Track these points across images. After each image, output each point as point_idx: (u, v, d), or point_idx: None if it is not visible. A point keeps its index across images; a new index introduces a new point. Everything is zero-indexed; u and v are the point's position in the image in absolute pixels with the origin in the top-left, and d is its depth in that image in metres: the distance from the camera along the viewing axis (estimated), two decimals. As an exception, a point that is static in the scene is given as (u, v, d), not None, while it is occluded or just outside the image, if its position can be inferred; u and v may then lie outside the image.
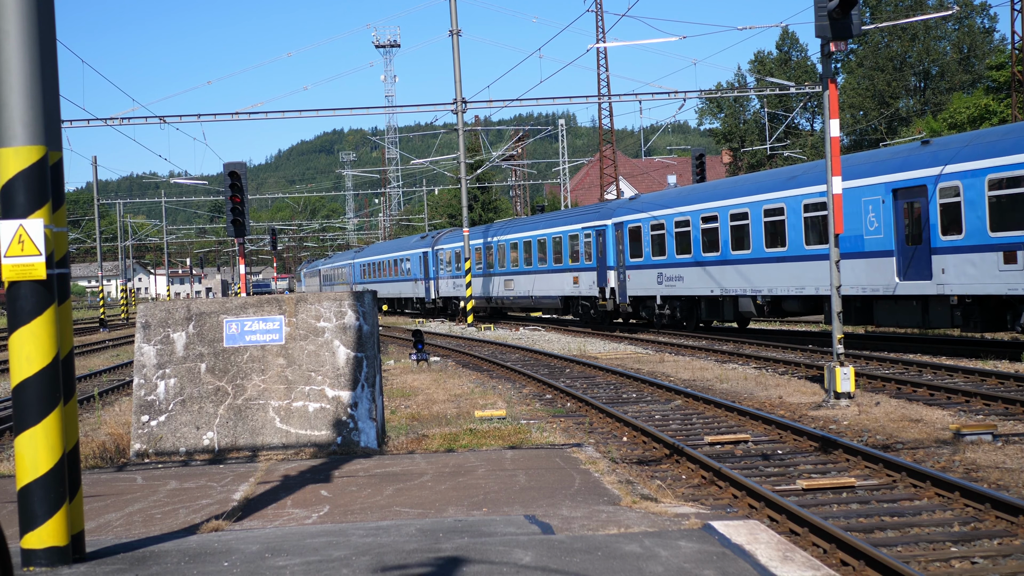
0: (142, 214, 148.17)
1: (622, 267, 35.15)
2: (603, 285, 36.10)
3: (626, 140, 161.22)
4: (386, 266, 65.29)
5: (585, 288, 37.60)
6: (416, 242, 59.79)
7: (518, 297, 44.51)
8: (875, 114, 75.23)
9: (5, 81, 6.18)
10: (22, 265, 6.17)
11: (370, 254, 72.18)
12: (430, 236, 57.39)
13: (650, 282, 33.55)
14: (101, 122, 40.74)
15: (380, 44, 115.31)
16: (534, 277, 42.77)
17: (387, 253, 66.41)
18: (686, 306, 32.45)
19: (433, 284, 54.19)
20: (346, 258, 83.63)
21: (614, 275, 35.16)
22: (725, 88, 77.39)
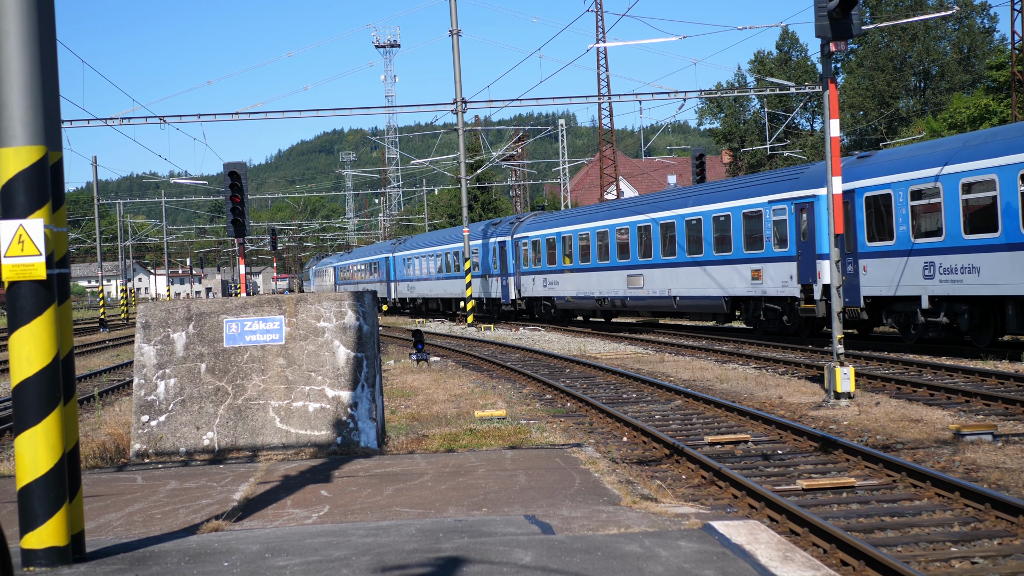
0: (142, 214, 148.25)
1: (854, 254, 24.26)
2: (808, 280, 25.57)
3: (626, 140, 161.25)
4: (441, 260, 53.76)
5: (774, 285, 26.98)
6: (487, 229, 49.59)
7: (648, 298, 33.57)
8: (875, 114, 75.25)
9: (5, 81, 6.18)
10: (22, 265, 6.17)
11: (416, 246, 60.74)
12: (505, 222, 47.45)
13: (911, 275, 22.42)
14: (101, 122, 40.74)
15: (380, 44, 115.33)
16: (676, 272, 31.69)
17: (443, 244, 54.34)
18: (979, 311, 21.40)
19: (513, 281, 44.69)
20: (372, 252, 74.01)
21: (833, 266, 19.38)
22: (725, 88, 77.41)
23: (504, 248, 45.26)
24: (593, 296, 37.35)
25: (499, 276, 45.98)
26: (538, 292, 42.12)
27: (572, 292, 39.00)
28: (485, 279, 47.28)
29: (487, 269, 46.96)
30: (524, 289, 43.62)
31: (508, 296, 45.06)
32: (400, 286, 63.22)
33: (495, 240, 46.25)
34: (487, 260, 46.92)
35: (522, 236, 43.80)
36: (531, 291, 42.91)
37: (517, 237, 44.23)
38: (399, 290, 63.39)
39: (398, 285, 63.70)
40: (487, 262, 46.88)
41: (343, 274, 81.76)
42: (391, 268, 65.44)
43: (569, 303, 39.26)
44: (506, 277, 45.18)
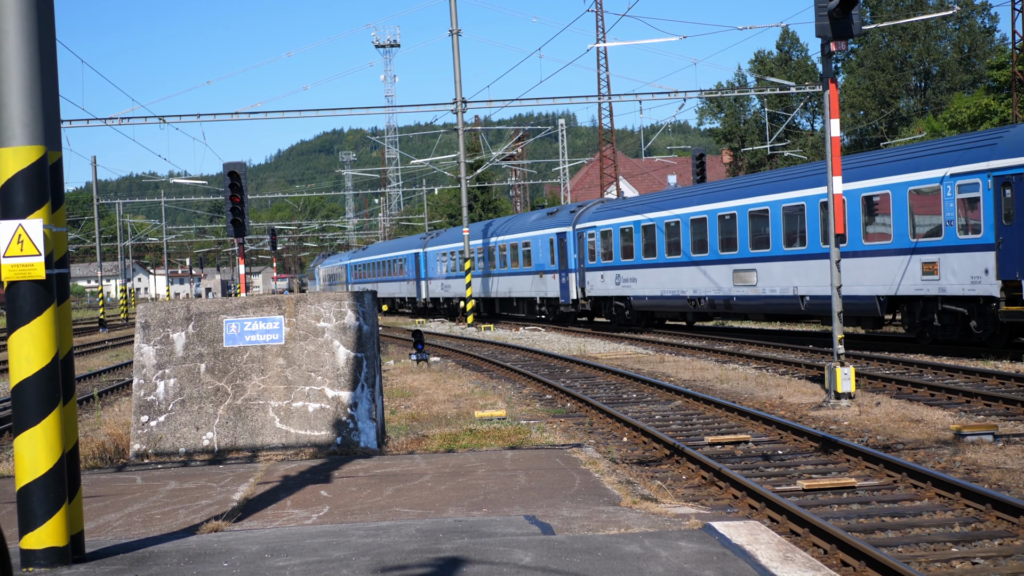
0: (142, 214, 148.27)
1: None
2: (1016, 275, 19.92)
3: (626, 140, 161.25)
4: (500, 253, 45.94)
5: (957, 281, 21.25)
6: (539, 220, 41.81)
7: (763, 297, 27.35)
8: (875, 114, 75.26)
9: (5, 81, 6.17)
10: (21, 265, 6.16)
11: (455, 239, 51.33)
12: (564, 211, 40.44)
13: None
14: (101, 122, 40.74)
15: (380, 44, 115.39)
16: (805, 265, 25.88)
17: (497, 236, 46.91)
18: None
19: (575, 278, 38.22)
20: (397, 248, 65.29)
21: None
22: (725, 88, 77.43)
23: (563, 241, 38.68)
24: (684, 295, 30.99)
25: (557, 273, 39.51)
26: (608, 291, 35.86)
27: (655, 291, 32.71)
28: (539, 277, 41.00)
29: (541, 265, 40.69)
30: (590, 287, 37.02)
31: (568, 295, 38.55)
32: (433, 284, 55.33)
33: (551, 232, 39.93)
34: (539, 255, 40.80)
35: (587, 226, 37.12)
36: (599, 290, 36.41)
37: (581, 228, 37.53)
38: (432, 289, 55.59)
39: (430, 284, 55.90)
40: (540, 257, 40.72)
41: (360, 272, 74.34)
42: (422, 265, 57.24)
43: (650, 304, 33.01)
44: (565, 274, 38.65)
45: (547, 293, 40.82)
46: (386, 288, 66.02)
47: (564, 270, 39.02)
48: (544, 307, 41.80)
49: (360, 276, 74.35)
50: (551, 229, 40.17)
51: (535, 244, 41.68)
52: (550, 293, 40.53)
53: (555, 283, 39.91)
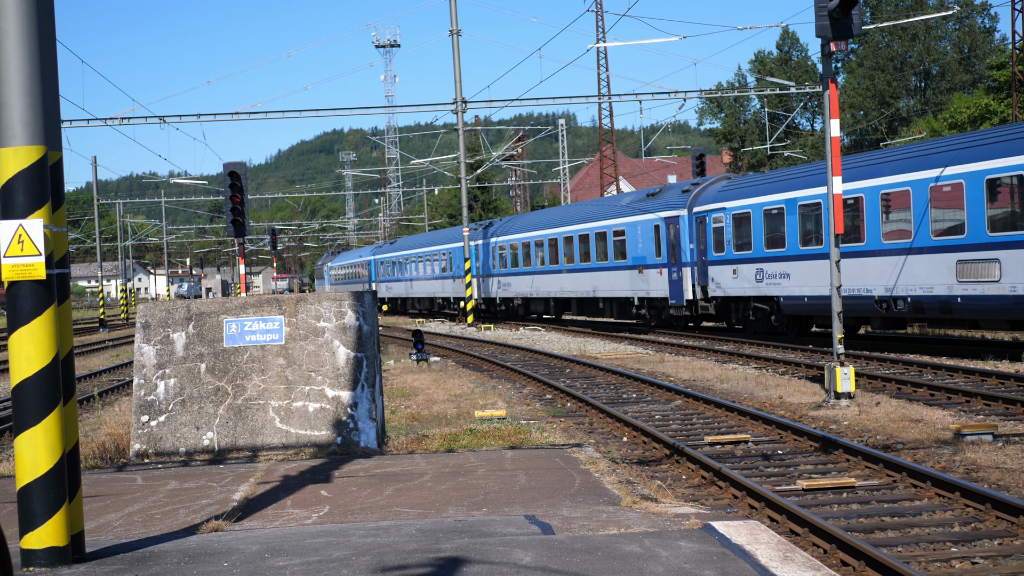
0: (142, 214, 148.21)
1: None
2: None
3: (626, 140, 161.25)
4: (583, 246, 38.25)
5: None
6: (634, 204, 35.01)
7: (1011, 298, 19.83)
8: (875, 114, 75.26)
9: (5, 81, 6.17)
10: (22, 265, 6.17)
11: (523, 228, 44.28)
12: (673, 191, 33.38)
13: None
14: (101, 122, 40.76)
15: (380, 44, 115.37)
16: None
17: (573, 224, 39.25)
18: None
19: (692, 273, 31.01)
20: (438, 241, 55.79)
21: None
22: (725, 88, 77.42)
23: (675, 228, 31.58)
24: (869, 294, 23.43)
25: (664, 267, 32.29)
26: (744, 290, 28.47)
27: (817, 288, 25.22)
28: (638, 272, 33.83)
29: (640, 258, 33.73)
30: (716, 286, 29.72)
31: (682, 295, 31.27)
32: (491, 283, 48.12)
33: (655, 217, 32.82)
34: (638, 245, 33.87)
35: (711, 208, 29.88)
36: (731, 288, 29.08)
37: (702, 211, 30.38)
38: (489, 288, 48.29)
39: (484, 282, 48.75)
40: (639, 248, 33.81)
41: (389, 269, 65.66)
42: (485, 259, 49.48)
43: (810, 306, 25.86)
44: (677, 268, 31.52)
45: (650, 292, 33.25)
46: (424, 287, 57.45)
47: (676, 264, 31.55)
48: (645, 309, 34.36)
49: (389, 274, 65.34)
50: (656, 214, 32.72)
51: (632, 233, 34.10)
52: (654, 292, 32.95)
53: (662, 280, 32.34)
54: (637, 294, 34.23)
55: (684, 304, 31.37)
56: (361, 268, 74.13)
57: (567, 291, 39.25)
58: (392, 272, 64.77)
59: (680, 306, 31.71)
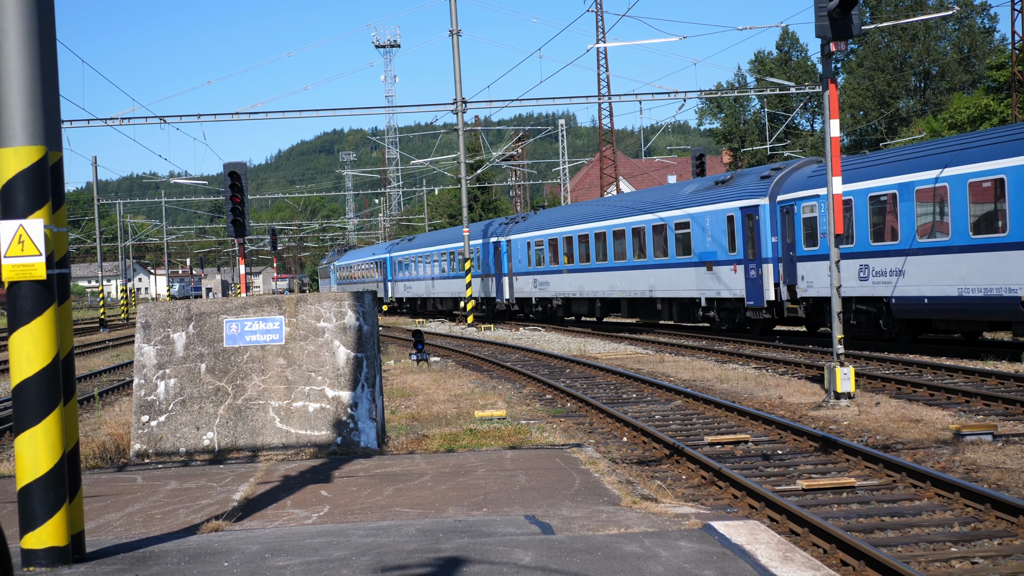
0: (142, 214, 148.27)
1: None
2: None
3: (626, 140, 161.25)
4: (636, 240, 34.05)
5: None
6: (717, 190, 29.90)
7: None
8: (875, 114, 75.27)
9: (5, 81, 6.18)
10: (22, 265, 6.17)
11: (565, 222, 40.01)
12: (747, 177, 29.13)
13: None
14: (101, 122, 40.76)
15: (380, 44, 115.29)
16: None
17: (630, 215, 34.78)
18: None
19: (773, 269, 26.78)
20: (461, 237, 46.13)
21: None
22: (725, 88, 77.45)
23: (753, 218, 27.28)
24: (1015, 295, 19.55)
25: (738, 263, 27.94)
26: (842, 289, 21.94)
27: (943, 287, 21.40)
28: (707, 269, 29.22)
29: (709, 254, 29.27)
30: (808, 283, 25.40)
31: (762, 295, 27.14)
32: (522, 282, 43.76)
33: (726, 207, 28.38)
34: (703, 239, 29.44)
35: (800, 196, 25.82)
36: (823, 287, 24.67)
37: (788, 199, 26.23)
38: (520, 287, 43.95)
39: (517, 280, 44.42)
40: (707, 242, 29.38)
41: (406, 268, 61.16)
42: (504, 257, 45.43)
43: (930, 308, 21.93)
44: (756, 265, 27.32)
45: (721, 292, 29.13)
46: (447, 287, 53.37)
47: (754, 260, 27.60)
48: (715, 311, 30.11)
49: (407, 273, 60.82)
50: (729, 203, 28.56)
51: (698, 225, 30.00)
52: (727, 292, 28.79)
53: (736, 278, 28.24)
54: (704, 294, 29.85)
55: (764, 305, 27.02)
56: (374, 266, 70.09)
57: (617, 290, 35.14)
58: (411, 271, 60.20)
59: (759, 308, 27.39)
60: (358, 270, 75.94)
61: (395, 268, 64.25)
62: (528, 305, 44.31)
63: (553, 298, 41.00)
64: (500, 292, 46.36)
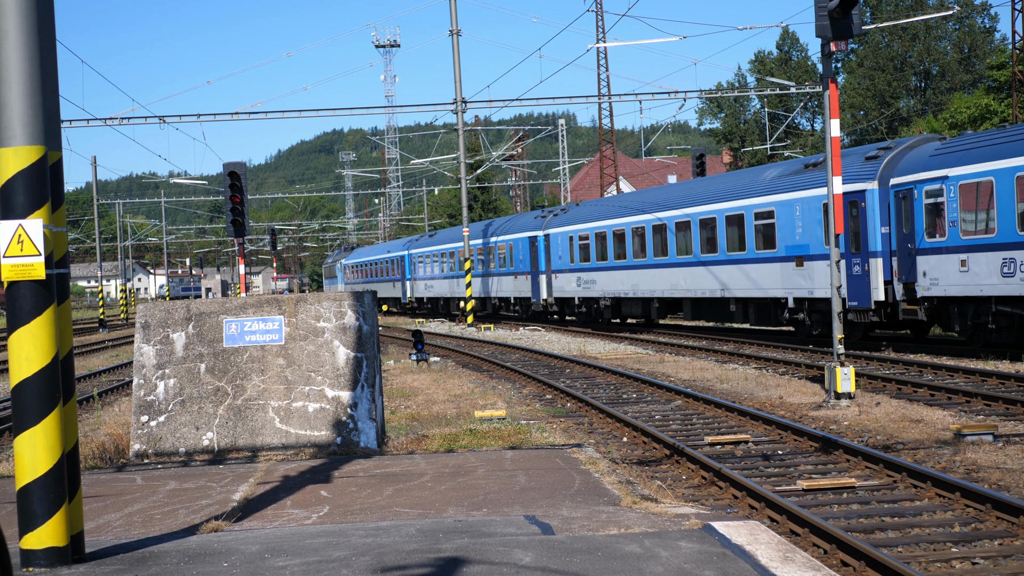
0: (142, 214, 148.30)
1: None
2: None
3: (626, 140, 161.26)
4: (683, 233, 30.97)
5: None
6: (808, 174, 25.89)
7: None
8: (875, 114, 75.26)
9: (5, 81, 6.17)
10: (21, 265, 6.16)
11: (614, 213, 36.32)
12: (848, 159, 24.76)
13: None
14: (101, 122, 40.76)
15: (380, 44, 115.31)
16: None
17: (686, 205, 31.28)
18: None
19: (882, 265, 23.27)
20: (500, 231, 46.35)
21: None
22: (725, 88, 77.44)
23: (858, 206, 23.84)
24: None
25: None
26: (978, 287, 20.98)
27: None
28: (796, 265, 25.76)
29: (800, 247, 25.60)
30: (932, 281, 22.12)
31: (868, 294, 23.32)
32: (562, 279, 40.04)
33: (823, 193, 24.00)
34: (792, 230, 25.95)
35: (922, 179, 22.56)
36: (951, 285, 21.71)
37: (904, 183, 23.09)
38: (558, 286, 40.37)
39: (556, 278, 40.59)
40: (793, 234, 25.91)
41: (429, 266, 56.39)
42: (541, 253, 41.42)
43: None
44: (860, 259, 23.64)
45: (815, 291, 24.94)
46: (441, 287, 53.22)
47: (858, 253, 23.72)
48: (805, 313, 25.77)
49: (429, 271, 56.34)
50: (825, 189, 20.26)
51: (786, 214, 26.22)
52: (824, 291, 24.30)
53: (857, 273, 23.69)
54: (793, 293, 25.81)
55: (871, 307, 23.22)
56: (391, 264, 65.29)
57: (681, 289, 31.23)
58: (434, 269, 55.16)
59: (863, 309, 23.57)
60: (371, 268, 71.34)
61: (414, 266, 59.96)
62: (569, 306, 40.69)
63: (600, 298, 37.13)
64: (536, 291, 42.37)
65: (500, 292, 46.82)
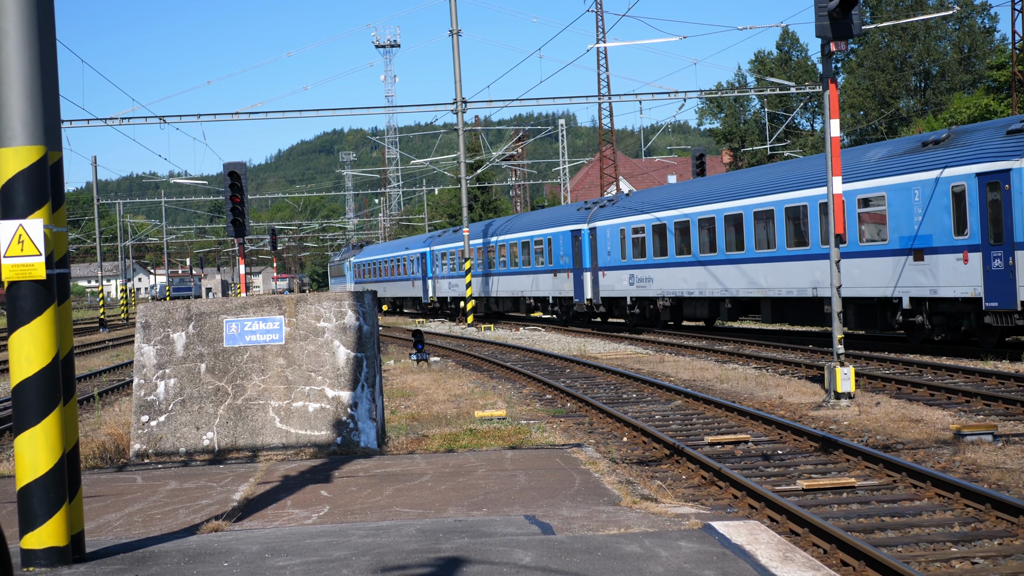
0: (142, 214, 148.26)
1: None
2: None
3: (626, 140, 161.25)
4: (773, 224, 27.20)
5: None
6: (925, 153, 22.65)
7: None
8: (875, 114, 75.27)
9: (5, 81, 6.17)
10: (22, 265, 6.17)
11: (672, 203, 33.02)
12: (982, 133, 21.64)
13: None
14: (101, 122, 40.77)
15: (380, 44, 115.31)
16: None
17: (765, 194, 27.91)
18: None
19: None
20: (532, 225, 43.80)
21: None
22: (725, 88, 77.42)
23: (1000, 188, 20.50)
24: None
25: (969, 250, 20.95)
26: None
27: None
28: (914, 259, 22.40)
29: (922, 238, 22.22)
30: None
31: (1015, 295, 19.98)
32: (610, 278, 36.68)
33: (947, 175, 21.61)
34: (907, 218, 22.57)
35: None
36: None
37: None
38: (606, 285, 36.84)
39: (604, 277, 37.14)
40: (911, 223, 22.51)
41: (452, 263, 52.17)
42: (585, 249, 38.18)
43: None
44: (1003, 253, 20.34)
45: (938, 289, 21.80)
46: (510, 284, 45.80)
47: (999, 246, 20.50)
48: (924, 315, 22.50)
49: (452, 268, 51.77)
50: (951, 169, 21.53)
51: (899, 200, 22.90)
52: (949, 289, 21.53)
53: (967, 270, 21.21)
54: (908, 292, 22.61)
55: (1018, 308, 20.01)
56: (409, 262, 60.34)
57: (759, 288, 27.89)
58: (455, 266, 51.11)
59: (1008, 311, 20.36)
60: (385, 266, 66.15)
61: (436, 263, 54.78)
62: (618, 306, 36.83)
63: (658, 297, 33.48)
64: (580, 291, 38.86)
65: (533, 292, 43.02)
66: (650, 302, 34.58)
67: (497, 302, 48.45)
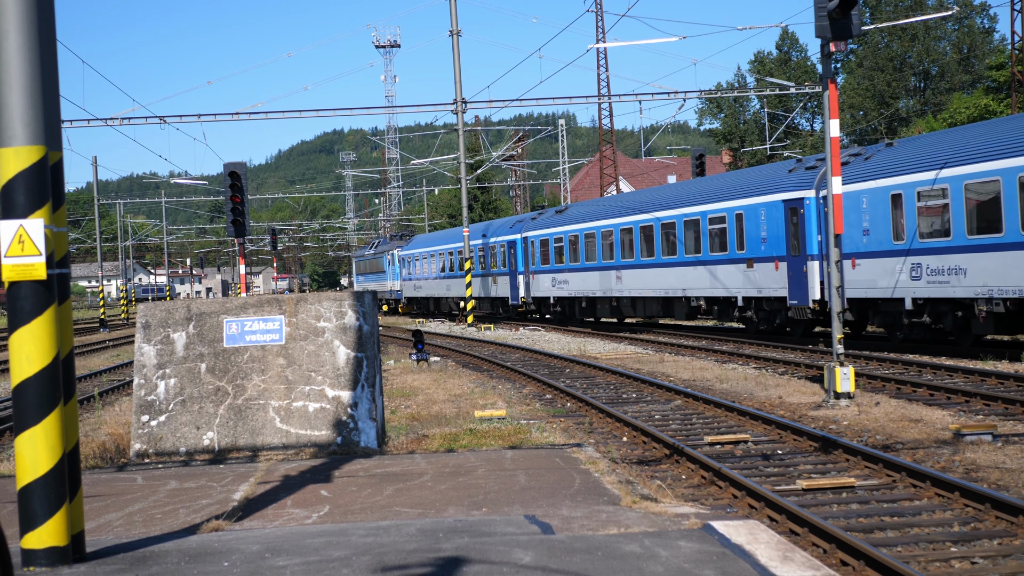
0: (142, 214, 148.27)
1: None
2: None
3: (626, 140, 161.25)
4: None
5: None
6: None
7: None
8: (875, 114, 75.25)
9: (5, 81, 6.18)
10: (22, 265, 6.17)
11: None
12: None
13: None
14: (101, 122, 40.77)
15: (380, 44, 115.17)
16: None
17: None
18: None
19: None
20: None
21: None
22: (725, 88, 77.44)
23: None
24: None
25: None
26: None
27: None
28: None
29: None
30: None
31: None
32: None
33: None
34: None
35: None
36: None
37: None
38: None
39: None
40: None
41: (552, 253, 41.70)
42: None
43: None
44: None
45: None
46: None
47: None
48: None
49: (559, 259, 40.88)
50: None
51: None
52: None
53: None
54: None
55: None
56: (494, 251, 47.98)
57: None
58: (567, 257, 40.04)
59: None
60: (456, 256, 51.43)
61: (529, 254, 44.01)
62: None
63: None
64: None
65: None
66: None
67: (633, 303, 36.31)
